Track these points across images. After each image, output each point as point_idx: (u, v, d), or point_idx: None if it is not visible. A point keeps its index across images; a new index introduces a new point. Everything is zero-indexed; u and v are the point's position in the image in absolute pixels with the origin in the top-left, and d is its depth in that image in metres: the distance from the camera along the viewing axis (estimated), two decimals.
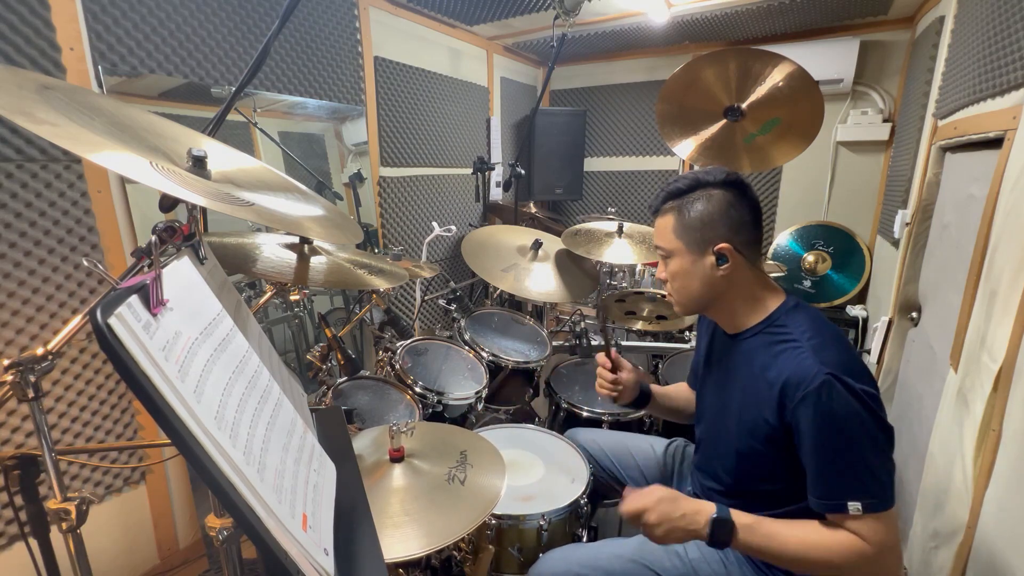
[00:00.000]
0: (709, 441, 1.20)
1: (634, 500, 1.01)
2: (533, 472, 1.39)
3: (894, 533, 0.91)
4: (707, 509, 0.97)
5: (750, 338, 1.07)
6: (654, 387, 1.39)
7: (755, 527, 0.96)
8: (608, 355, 1.33)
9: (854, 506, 0.89)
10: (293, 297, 1.57)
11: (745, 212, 1.04)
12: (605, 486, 1.44)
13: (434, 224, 2.68)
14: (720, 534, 0.96)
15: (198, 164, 0.78)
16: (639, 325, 2.20)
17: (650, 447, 1.43)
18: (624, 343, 2.17)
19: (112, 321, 0.48)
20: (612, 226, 2.06)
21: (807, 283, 3.20)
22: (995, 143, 1.43)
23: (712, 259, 1.03)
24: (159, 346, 0.53)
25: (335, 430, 0.93)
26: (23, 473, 0.78)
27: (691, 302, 1.11)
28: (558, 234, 2.10)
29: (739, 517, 0.97)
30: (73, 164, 1.53)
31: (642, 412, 1.70)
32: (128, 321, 0.50)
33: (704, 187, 1.04)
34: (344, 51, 2.34)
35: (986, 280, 1.34)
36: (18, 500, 0.77)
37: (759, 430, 1.01)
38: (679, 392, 1.44)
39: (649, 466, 1.39)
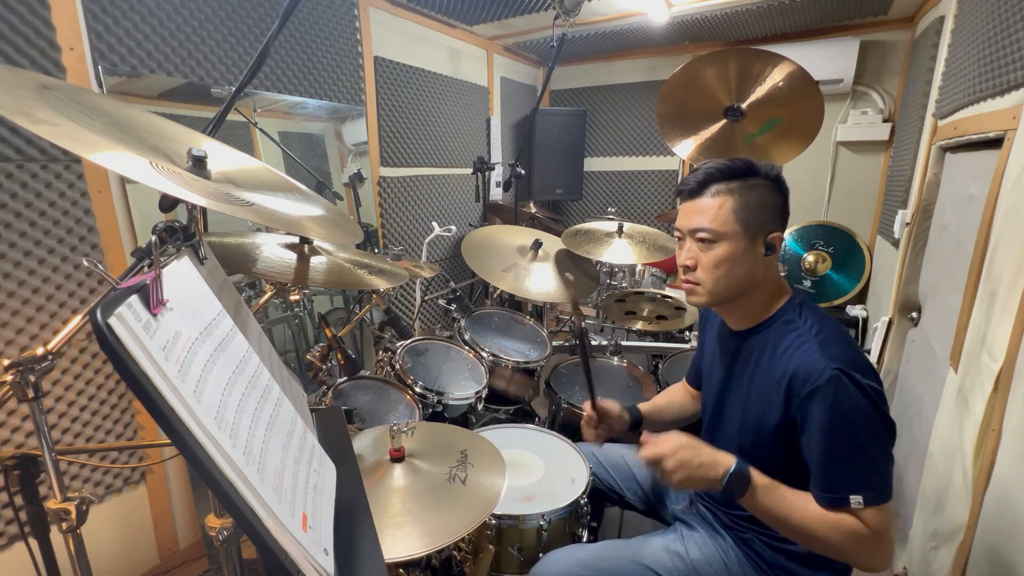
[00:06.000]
0: (712, 438, 1.20)
1: (653, 446, 1.00)
2: (533, 472, 1.39)
3: (890, 524, 0.92)
4: (726, 461, 0.97)
5: (758, 334, 1.07)
6: (644, 407, 1.38)
7: (769, 489, 0.96)
8: (594, 406, 1.26)
9: (856, 499, 0.90)
10: (293, 297, 1.57)
11: (787, 205, 1.05)
12: (604, 496, 1.44)
13: (434, 224, 2.68)
14: (735, 486, 0.95)
15: (198, 164, 0.78)
16: (639, 325, 2.20)
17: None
18: (624, 343, 2.17)
19: (112, 321, 0.48)
20: (612, 226, 2.06)
21: (807, 283, 3.20)
22: (995, 143, 1.43)
23: (762, 249, 1.02)
24: (159, 346, 0.53)
25: (335, 430, 0.93)
26: (23, 473, 0.77)
27: (726, 292, 1.04)
28: (558, 234, 2.10)
29: (757, 477, 0.96)
30: (73, 164, 1.53)
31: None
32: (128, 321, 0.50)
33: (757, 175, 1.02)
34: (344, 51, 2.34)
35: (986, 280, 1.34)
36: (18, 500, 0.77)
37: (765, 425, 1.01)
38: (671, 403, 1.44)
39: (645, 474, 1.39)
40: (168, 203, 0.76)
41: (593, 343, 2.09)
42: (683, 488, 1.00)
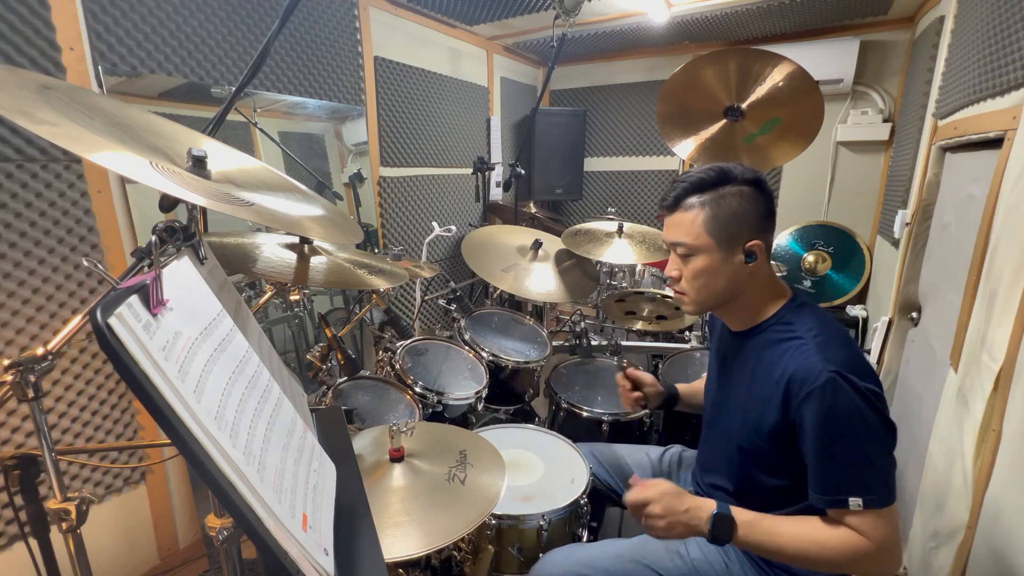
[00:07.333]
0: (712, 438, 1.20)
1: (640, 491, 1.02)
2: (533, 472, 1.39)
3: (894, 529, 0.91)
4: (708, 505, 0.99)
5: (756, 336, 1.07)
6: (681, 387, 1.43)
7: (755, 524, 0.97)
8: (626, 375, 1.38)
9: (855, 502, 0.89)
10: (293, 297, 1.57)
11: (769, 209, 1.04)
12: (604, 497, 1.44)
13: (434, 224, 2.68)
14: (721, 530, 0.96)
15: (198, 164, 0.78)
16: (639, 325, 2.20)
17: (645, 456, 1.43)
18: (624, 343, 2.17)
19: (112, 321, 0.48)
20: (612, 226, 2.06)
21: (807, 283, 3.20)
22: (995, 143, 1.43)
23: (741, 257, 1.02)
24: (159, 346, 0.53)
25: (335, 430, 0.93)
26: (23, 473, 0.77)
27: (710, 301, 1.07)
28: (558, 234, 2.10)
29: (740, 514, 0.98)
30: (73, 164, 1.53)
31: (643, 413, 1.71)
32: (128, 321, 0.50)
33: (731, 182, 1.01)
34: (344, 51, 2.34)
35: (986, 280, 1.34)
36: (18, 500, 0.77)
37: (763, 427, 1.01)
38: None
39: (645, 474, 1.39)
40: (168, 203, 0.76)
41: (593, 343, 2.09)
42: (666, 537, 1.01)
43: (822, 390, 0.90)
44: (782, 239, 3.27)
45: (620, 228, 2.03)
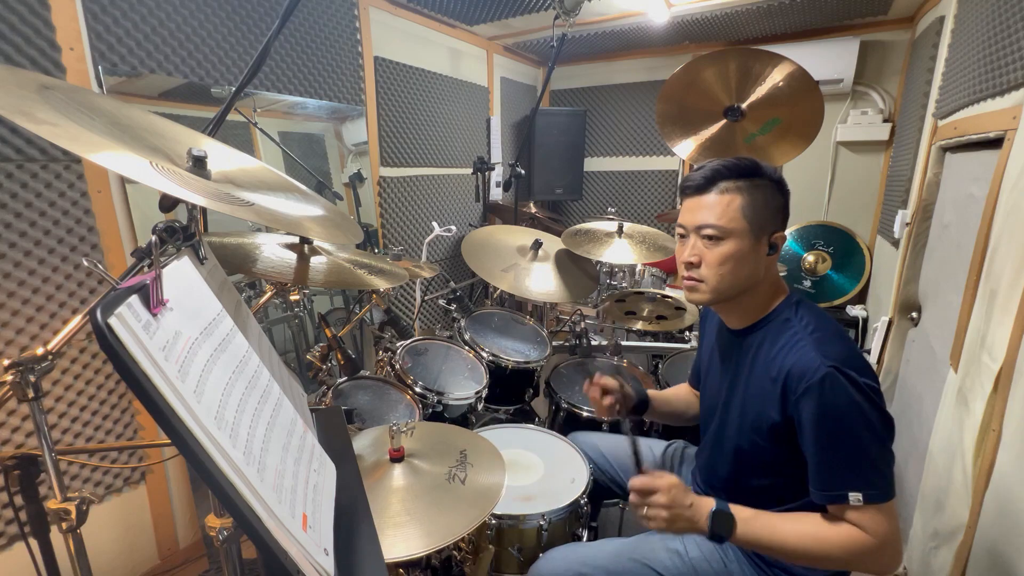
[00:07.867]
0: (711, 438, 1.20)
1: (648, 478, 1.01)
2: (533, 472, 1.39)
3: (894, 525, 0.91)
4: (708, 503, 0.99)
5: (754, 333, 1.08)
6: (652, 393, 1.40)
7: (754, 520, 0.98)
8: (592, 383, 1.32)
9: (855, 496, 0.90)
10: (293, 297, 1.57)
11: (787, 207, 1.06)
12: (605, 489, 1.44)
13: (434, 224, 2.68)
14: (720, 526, 0.97)
15: (198, 164, 0.78)
16: (639, 325, 2.20)
17: (649, 450, 1.43)
18: (624, 343, 2.17)
19: (112, 321, 0.48)
20: (612, 226, 2.06)
21: (807, 283, 3.20)
22: (995, 143, 1.43)
23: (766, 247, 1.03)
24: (159, 346, 0.53)
25: (335, 430, 0.93)
26: (23, 473, 0.78)
27: (728, 290, 1.04)
28: (558, 234, 2.10)
29: (739, 511, 0.98)
30: (73, 164, 1.53)
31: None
32: (128, 321, 0.50)
33: (763, 175, 1.02)
34: (344, 51, 2.34)
35: (986, 280, 1.34)
36: (18, 500, 0.77)
37: (762, 424, 1.01)
38: (679, 395, 1.44)
39: (648, 467, 1.39)
40: (168, 203, 0.76)
41: (593, 343, 2.09)
42: (666, 530, 1.01)
43: (820, 385, 0.90)
44: None
45: (620, 228, 2.03)
